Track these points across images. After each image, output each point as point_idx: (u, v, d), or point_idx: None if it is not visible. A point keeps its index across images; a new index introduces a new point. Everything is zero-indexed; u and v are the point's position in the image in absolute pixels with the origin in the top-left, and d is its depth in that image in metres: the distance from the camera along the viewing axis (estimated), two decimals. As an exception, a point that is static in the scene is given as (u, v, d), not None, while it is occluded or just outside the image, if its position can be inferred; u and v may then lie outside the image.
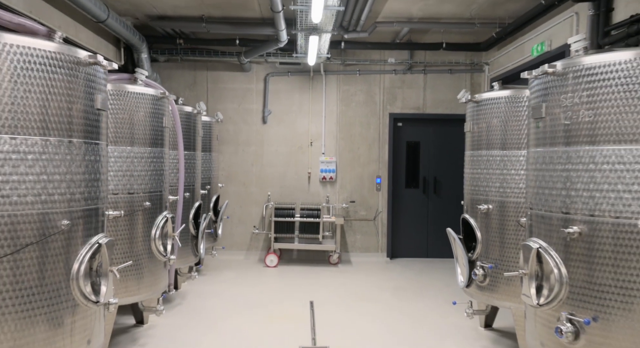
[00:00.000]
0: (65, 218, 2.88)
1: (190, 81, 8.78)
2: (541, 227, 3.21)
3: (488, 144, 4.53)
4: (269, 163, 8.87)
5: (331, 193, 8.83)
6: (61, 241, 2.85)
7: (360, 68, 8.75)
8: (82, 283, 2.93)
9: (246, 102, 8.84)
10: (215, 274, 7.51)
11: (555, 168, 3.09)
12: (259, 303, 5.99)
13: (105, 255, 3.11)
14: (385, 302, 6.16)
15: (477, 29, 7.26)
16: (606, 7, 5.00)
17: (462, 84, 8.79)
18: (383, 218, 8.85)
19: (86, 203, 3.03)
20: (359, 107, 8.86)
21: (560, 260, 2.99)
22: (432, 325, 5.27)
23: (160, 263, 4.68)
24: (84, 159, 3.02)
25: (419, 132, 8.94)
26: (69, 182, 2.91)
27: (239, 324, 5.21)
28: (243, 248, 8.84)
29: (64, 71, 2.85)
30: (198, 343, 4.65)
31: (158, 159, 4.61)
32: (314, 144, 8.86)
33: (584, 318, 2.80)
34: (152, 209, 4.55)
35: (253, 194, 8.85)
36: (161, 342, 4.64)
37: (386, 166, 8.85)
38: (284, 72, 8.77)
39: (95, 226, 3.14)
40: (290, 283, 7.06)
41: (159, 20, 7.40)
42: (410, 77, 8.82)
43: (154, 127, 4.56)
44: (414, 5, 6.74)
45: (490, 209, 4.42)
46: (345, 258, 8.75)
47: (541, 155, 3.23)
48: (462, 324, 5.27)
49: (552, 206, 3.10)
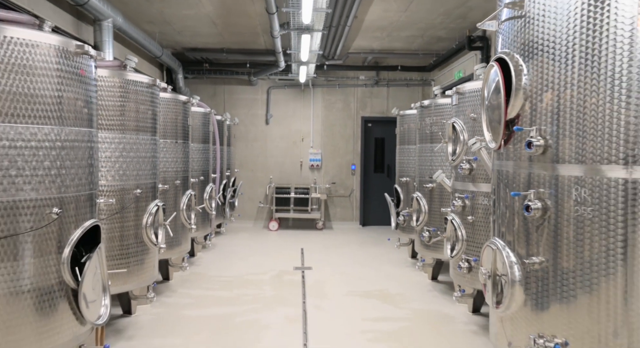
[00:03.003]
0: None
1: (211, 93, 11.64)
2: (422, 188, 6.12)
3: (408, 141, 7.44)
4: (271, 154, 11.76)
5: (317, 176, 11.74)
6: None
7: (339, 83, 11.63)
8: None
9: (253, 109, 11.72)
10: (233, 235, 10.41)
11: (425, 156, 6.01)
12: (267, 250, 8.89)
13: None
14: (352, 249, 9.09)
15: (421, 57, 10.15)
16: (487, 54, 7.90)
17: (416, 94, 11.69)
18: (356, 195, 11.79)
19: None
20: (339, 112, 11.76)
21: (459, 222, 5.75)
22: (380, 259, 8.20)
23: (186, 229, 7.28)
24: (173, 150, 5.89)
25: (384, 130, 11.82)
26: (164, 164, 5.78)
27: (255, 259, 8.12)
28: (251, 218, 11.75)
29: (172, 103, 5.71)
30: (233, 265, 7.54)
31: (206, 151, 7.50)
32: (304, 140, 11.75)
33: (473, 257, 5.31)
34: (186, 187, 7.43)
35: (259, 177, 11.75)
36: (210, 266, 7.53)
37: (359, 156, 11.76)
38: (282, 86, 11.65)
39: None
40: (287, 240, 9.96)
41: (192, 51, 10.26)
42: (376, 90, 11.71)
43: (204, 131, 7.44)
44: (374, 42, 9.62)
45: (408, 181, 7.33)
46: (328, 225, 11.68)
47: (420, 148, 6.15)
48: (397, 257, 8.20)
49: (424, 175, 6.02)
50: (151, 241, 4.62)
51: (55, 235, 2.95)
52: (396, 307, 5.51)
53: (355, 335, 4.66)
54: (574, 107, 2.78)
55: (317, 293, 6.06)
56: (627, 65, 2.62)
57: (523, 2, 3.04)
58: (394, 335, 4.67)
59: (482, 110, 3.52)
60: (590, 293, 2.71)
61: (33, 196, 2.83)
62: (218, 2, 7.16)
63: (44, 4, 5.71)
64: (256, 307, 5.47)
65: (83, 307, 3.01)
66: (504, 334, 3.29)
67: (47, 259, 2.89)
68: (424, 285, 6.43)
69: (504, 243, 3.23)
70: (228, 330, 4.75)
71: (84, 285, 2.99)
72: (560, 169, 2.88)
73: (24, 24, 2.89)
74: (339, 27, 7.73)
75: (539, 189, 2.97)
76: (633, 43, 2.58)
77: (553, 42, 2.84)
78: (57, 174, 2.95)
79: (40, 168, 2.86)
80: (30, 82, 2.83)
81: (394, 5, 7.21)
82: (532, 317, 3.00)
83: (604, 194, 2.69)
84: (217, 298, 5.78)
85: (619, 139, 2.62)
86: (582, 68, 2.71)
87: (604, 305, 2.68)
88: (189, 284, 6.35)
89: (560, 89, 2.82)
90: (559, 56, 2.81)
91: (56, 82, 2.94)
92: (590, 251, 2.71)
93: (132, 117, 4.43)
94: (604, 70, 2.66)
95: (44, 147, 2.88)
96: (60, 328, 2.97)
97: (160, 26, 8.48)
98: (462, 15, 7.55)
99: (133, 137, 4.44)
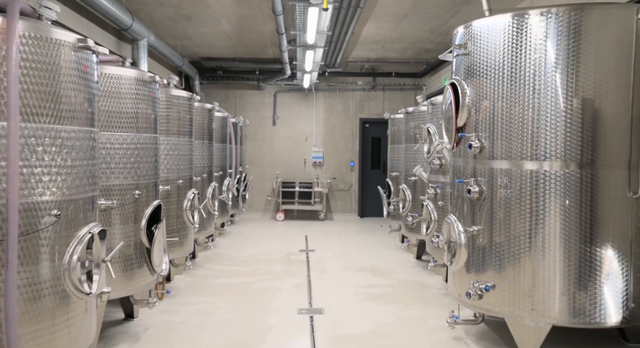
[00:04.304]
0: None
1: (224, 97, 12.86)
2: (407, 180, 7.33)
3: (397, 141, 8.65)
4: (277, 152, 12.99)
5: (320, 172, 12.97)
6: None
7: (339, 88, 12.85)
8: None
9: (262, 111, 12.95)
10: (244, 225, 11.64)
11: (409, 154, 7.22)
12: (275, 237, 10.12)
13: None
14: (350, 236, 10.32)
15: (412, 65, 11.37)
16: (467, 66, 9.08)
17: (410, 98, 12.89)
18: (355, 189, 13.01)
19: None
20: (339, 114, 12.98)
21: (432, 207, 7.02)
22: (374, 244, 9.42)
23: (211, 215, 8.60)
24: (201, 149, 7.11)
25: (380, 131, 13.02)
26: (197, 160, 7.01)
27: (266, 243, 9.35)
28: (260, 210, 12.99)
29: (200, 110, 6.93)
30: (247, 248, 8.77)
31: (224, 150, 8.72)
32: (308, 139, 12.97)
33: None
34: (211, 179, 8.66)
35: (267, 173, 12.99)
36: (227, 248, 8.76)
37: (357, 154, 12.98)
38: (287, 91, 12.87)
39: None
40: (293, 229, 11.18)
41: (207, 60, 11.49)
42: (373, 94, 12.93)
43: (222, 133, 8.67)
44: (370, 53, 10.82)
45: (398, 175, 8.54)
46: (329, 216, 12.91)
47: (405, 147, 7.36)
48: (389, 243, 9.42)
49: (409, 170, 7.22)
50: (190, 221, 5.86)
51: (134, 210, 4.18)
52: (384, 278, 6.73)
53: (349, 296, 5.89)
54: (503, 119, 4.02)
55: (319, 268, 7.28)
56: (536, 85, 3.89)
57: (467, 45, 4.26)
58: (380, 296, 5.89)
59: (442, 120, 4.75)
60: (509, 249, 3.94)
61: (121, 182, 4.06)
62: (235, 22, 8.37)
63: (95, 28, 6.92)
64: (269, 277, 6.70)
65: (155, 262, 4.24)
66: (455, 286, 4.51)
67: (129, 227, 4.13)
68: (409, 263, 7.66)
69: (455, 218, 4.45)
70: (248, 292, 5.98)
71: (154, 246, 4.22)
72: (493, 163, 4.11)
73: (113, 62, 4.12)
74: (338, 42, 8.93)
75: (477, 178, 4.20)
76: (539, 67, 3.84)
77: (487, 69, 4.06)
78: (136, 167, 4.18)
79: (126, 162, 4.09)
80: (119, 103, 4.05)
81: (385, 24, 8.41)
82: (472, 270, 4.23)
83: (521, 181, 3.93)
84: (236, 271, 7.02)
85: (531, 142, 3.86)
86: (509, 85, 3.95)
87: (520, 258, 3.91)
88: (212, 261, 7.59)
89: (494, 103, 4.04)
90: (492, 78, 4.04)
91: (134, 102, 4.17)
92: (510, 217, 3.94)
93: (175, 123, 5.66)
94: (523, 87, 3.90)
95: (128, 148, 4.11)
96: (140, 277, 4.21)
97: (182, 40, 9.70)
98: (444, 32, 8.75)
99: (176, 139, 5.67)
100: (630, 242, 3.78)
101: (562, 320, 3.80)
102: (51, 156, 2.74)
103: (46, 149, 2.71)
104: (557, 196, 3.81)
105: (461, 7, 7.29)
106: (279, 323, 4.91)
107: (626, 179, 3.77)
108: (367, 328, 4.81)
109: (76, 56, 2.86)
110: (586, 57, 3.75)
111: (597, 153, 3.78)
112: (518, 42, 3.91)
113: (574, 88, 3.77)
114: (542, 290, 3.81)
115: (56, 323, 2.74)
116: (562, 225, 3.80)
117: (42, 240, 2.67)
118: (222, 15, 7.92)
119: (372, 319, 5.04)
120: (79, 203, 2.93)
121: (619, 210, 3.77)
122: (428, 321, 5.01)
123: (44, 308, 2.68)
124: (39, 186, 2.66)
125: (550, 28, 3.81)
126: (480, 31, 4.14)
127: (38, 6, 2.84)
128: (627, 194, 3.77)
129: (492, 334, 4.63)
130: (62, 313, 2.79)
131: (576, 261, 3.77)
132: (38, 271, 2.66)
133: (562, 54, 3.78)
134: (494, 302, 4.02)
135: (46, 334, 2.68)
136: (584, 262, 3.77)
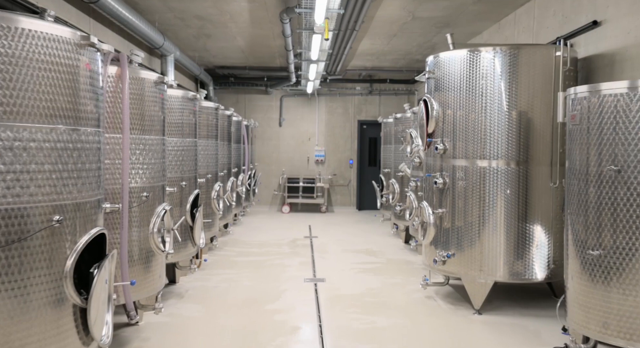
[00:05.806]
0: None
1: (234, 100, 14.18)
2: (396, 176, 8.64)
3: (389, 141, 9.95)
4: (283, 151, 14.30)
5: (321, 169, 14.28)
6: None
7: (339, 92, 14.16)
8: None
9: (269, 113, 14.26)
10: (254, 216, 12.96)
11: (398, 153, 8.52)
12: (282, 226, 11.45)
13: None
14: (349, 225, 11.64)
15: (405, 73, 12.67)
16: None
17: (403, 102, 14.17)
18: (353, 185, 14.33)
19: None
20: (339, 117, 14.29)
21: (413, 197, 8.33)
22: (369, 231, 10.74)
23: (231, 207, 10.06)
24: (222, 149, 8.42)
25: (376, 132, 14.30)
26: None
27: (274, 232, 10.67)
28: (267, 203, 14.32)
29: (222, 116, 8.25)
30: (258, 235, 10.09)
31: (238, 149, 10.03)
32: (311, 139, 14.29)
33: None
34: (223, 177, 9.98)
35: (273, 170, 14.30)
36: (241, 235, 10.07)
37: (356, 152, 14.29)
38: (292, 95, 14.18)
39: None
40: (297, 220, 12.50)
41: (221, 68, 12.80)
42: (370, 98, 14.23)
43: (237, 135, 9.98)
44: (367, 62, 12.13)
45: (389, 171, 9.84)
46: (330, 209, 14.22)
47: (395, 147, 8.67)
48: (383, 231, 10.74)
49: (397, 166, 8.53)
50: (216, 208, 7.19)
51: (180, 197, 5.50)
52: (375, 257, 8.05)
53: (346, 270, 7.20)
54: (461, 128, 5.32)
55: (321, 250, 8.60)
56: (486, 103, 5.20)
57: (434, 71, 5.57)
58: (371, 270, 7.21)
59: (418, 127, 6.06)
60: (465, 226, 5.25)
61: (173, 176, 5.37)
62: (248, 39, 9.67)
63: (132, 46, 8.23)
64: (280, 257, 8.02)
65: (195, 237, 5.57)
66: (426, 256, 5.82)
67: (178, 209, 5.45)
68: (398, 246, 8.97)
69: (427, 204, 5.76)
70: (263, 267, 7.30)
71: (196, 225, 5.54)
72: (454, 162, 5.41)
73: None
74: (338, 55, 10.21)
75: (442, 172, 5.51)
76: (487, 89, 5.18)
77: (449, 89, 5.37)
78: (181, 164, 5.49)
79: (174, 161, 5.40)
80: (172, 116, 5.36)
81: (379, 41, 9.72)
82: (438, 243, 5.54)
83: (474, 175, 5.23)
84: (252, 252, 8.34)
85: (481, 145, 5.16)
86: (465, 101, 5.25)
87: (473, 232, 5.22)
88: (229, 245, 8.91)
89: (454, 115, 5.35)
90: (453, 96, 5.35)
91: (181, 115, 5.48)
92: (466, 202, 5.25)
93: (205, 129, 6.98)
94: (477, 98, 5.21)
95: (178, 149, 5.42)
96: (186, 247, 5.54)
97: (200, 52, 11.00)
98: (430, 46, 10.05)
99: (205, 142, 6.99)
100: (552, 220, 5.10)
101: (504, 277, 5.11)
102: (142, 156, 4.05)
103: (137, 151, 4.02)
104: (501, 186, 5.12)
105: (441, 29, 8.60)
106: (290, 287, 6.24)
107: (549, 173, 5.08)
108: (359, 290, 6.13)
109: (156, 88, 4.18)
110: (520, 82, 5.05)
111: (529, 154, 5.08)
112: (472, 70, 5.21)
113: (513, 105, 5.07)
114: (488, 256, 5.12)
115: (152, 265, 4.09)
116: (504, 207, 5.10)
117: (140, 212, 4.00)
118: (238, 33, 9.22)
119: (363, 285, 6.36)
120: (157, 188, 4.25)
121: (544, 197, 5.09)
122: (407, 286, 6.33)
123: (146, 256, 4.05)
124: (135, 176, 3.98)
125: (496, 60, 5.12)
126: (445, 60, 5.45)
127: (130, 53, 4.16)
128: (549, 185, 5.08)
129: (455, 294, 5.95)
130: (156, 260, 4.13)
131: (514, 234, 5.08)
132: (139, 234, 3.99)
133: (504, 79, 5.08)
134: (453, 266, 5.34)
135: (148, 272, 4.04)
136: (520, 235, 5.08)
